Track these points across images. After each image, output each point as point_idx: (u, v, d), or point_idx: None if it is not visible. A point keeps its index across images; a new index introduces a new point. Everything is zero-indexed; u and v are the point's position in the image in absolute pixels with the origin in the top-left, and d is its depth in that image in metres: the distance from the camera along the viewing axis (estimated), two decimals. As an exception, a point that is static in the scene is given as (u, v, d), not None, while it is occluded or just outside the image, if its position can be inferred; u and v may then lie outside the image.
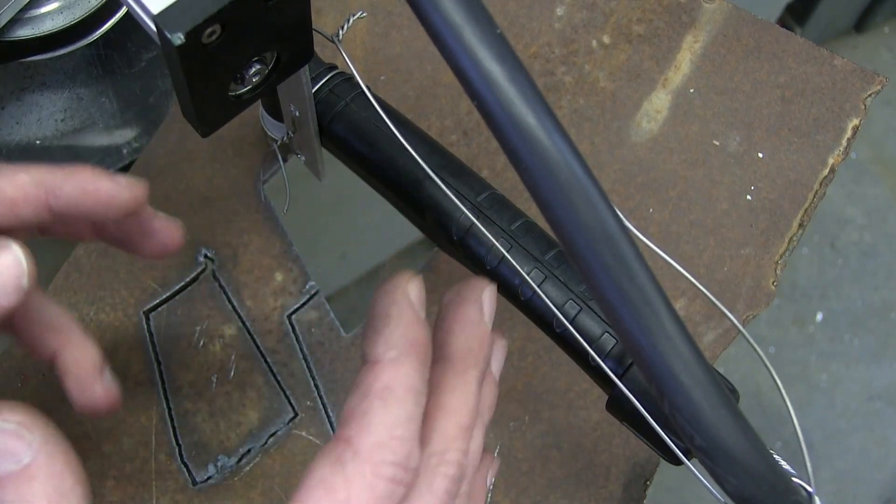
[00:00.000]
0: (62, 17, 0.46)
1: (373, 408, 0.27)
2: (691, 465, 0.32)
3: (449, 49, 0.22)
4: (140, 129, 0.51)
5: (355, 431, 0.27)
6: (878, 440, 1.31)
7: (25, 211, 0.32)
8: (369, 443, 0.27)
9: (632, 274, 0.23)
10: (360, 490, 0.26)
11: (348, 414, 0.28)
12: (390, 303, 0.29)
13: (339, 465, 0.27)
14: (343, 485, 0.26)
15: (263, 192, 0.49)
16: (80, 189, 0.32)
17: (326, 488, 0.26)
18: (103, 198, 0.33)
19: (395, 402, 0.27)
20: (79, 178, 0.32)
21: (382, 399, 0.27)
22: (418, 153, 0.36)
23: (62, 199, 0.32)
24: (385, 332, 0.28)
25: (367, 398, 0.27)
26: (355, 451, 0.27)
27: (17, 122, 0.51)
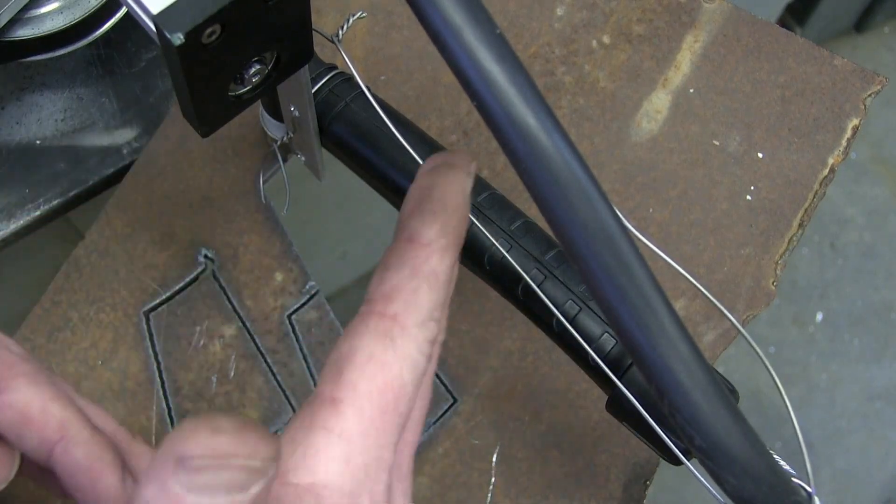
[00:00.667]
0: (62, 17, 0.46)
1: (421, 289, 0.28)
2: (691, 465, 0.32)
3: (448, 49, 0.22)
4: (140, 129, 0.51)
5: (402, 309, 0.27)
6: (878, 440, 1.31)
7: (31, 437, 0.29)
8: (415, 321, 0.27)
9: (631, 274, 0.23)
10: (410, 365, 0.27)
11: (393, 290, 0.28)
12: (453, 190, 0.30)
13: (389, 341, 0.27)
14: (395, 360, 0.27)
15: (263, 192, 0.49)
16: (87, 464, 0.29)
17: (379, 364, 0.27)
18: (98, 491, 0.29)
19: (439, 287, 0.28)
20: (95, 452, 0.29)
21: (429, 282, 0.28)
22: (418, 153, 0.36)
23: (65, 458, 0.29)
24: (442, 217, 0.29)
25: (415, 278, 0.28)
26: (403, 327, 0.27)
27: (17, 122, 0.51)
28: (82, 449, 0.29)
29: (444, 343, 0.48)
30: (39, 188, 0.49)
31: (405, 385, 0.27)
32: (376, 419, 0.26)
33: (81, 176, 0.50)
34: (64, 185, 0.50)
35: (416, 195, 0.30)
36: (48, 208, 0.49)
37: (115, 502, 0.29)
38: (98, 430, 0.30)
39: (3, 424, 0.29)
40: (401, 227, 0.30)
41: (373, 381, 0.26)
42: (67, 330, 0.47)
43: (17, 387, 0.29)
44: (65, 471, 0.29)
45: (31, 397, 0.29)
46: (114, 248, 0.48)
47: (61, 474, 0.29)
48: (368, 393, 0.26)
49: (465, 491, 0.46)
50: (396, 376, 0.27)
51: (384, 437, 0.26)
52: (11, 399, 0.29)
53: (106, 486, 0.29)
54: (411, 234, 0.29)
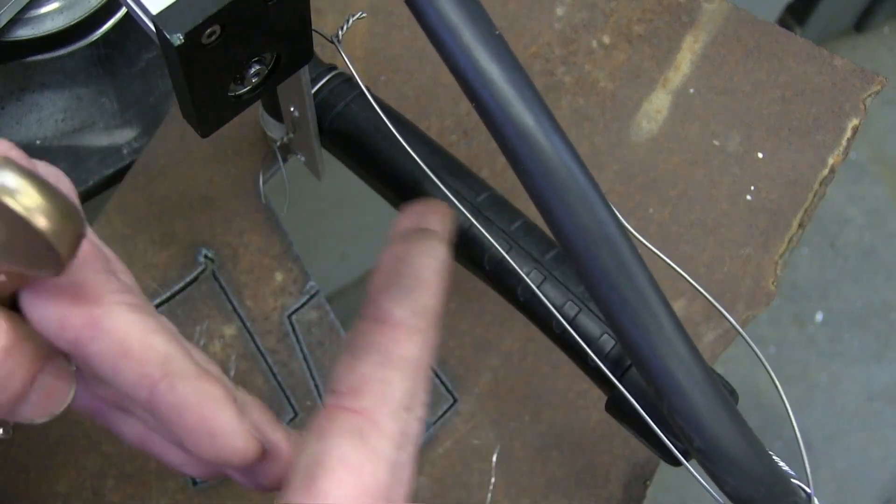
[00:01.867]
0: (62, 17, 0.46)
1: (392, 378, 0.26)
2: (690, 466, 0.32)
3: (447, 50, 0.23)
4: (140, 129, 0.51)
5: (372, 403, 0.25)
6: (878, 440, 1.31)
7: (129, 372, 0.25)
8: (388, 413, 0.25)
9: (630, 275, 0.23)
10: (384, 464, 0.25)
11: (362, 382, 0.26)
12: (426, 264, 0.27)
13: (360, 442, 0.25)
14: (368, 461, 0.25)
15: (263, 192, 0.49)
16: (198, 401, 0.26)
17: (352, 468, 0.24)
18: (212, 429, 0.26)
19: (412, 374, 0.26)
20: (205, 387, 0.26)
21: (401, 370, 0.26)
22: (418, 154, 0.36)
23: (171, 397, 0.25)
24: (415, 294, 0.27)
25: (385, 367, 0.26)
26: (374, 422, 0.25)
27: (17, 122, 0.51)
28: (192, 385, 0.26)
29: (444, 343, 0.48)
30: (39, 188, 0.49)
31: (380, 486, 0.25)
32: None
33: (81, 176, 0.50)
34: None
35: (387, 268, 0.28)
36: (48, 208, 0.49)
37: (236, 440, 0.26)
38: (203, 366, 0.27)
39: (98, 355, 0.25)
40: (369, 303, 0.27)
41: (346, 487, 0.24)
42: (67, 330, 0.47)
43: (116, 313, 0.25)
44: (171, 410, 0.26)
45: (131, 327, 0.25)
46: (114, 248, 0.48)
47: (166, 415, 0.26)
48: (344, 502, 0.24)
49: (465, 491, 0.46)
50: (371, 478, 0.25)
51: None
52: (109, 326, 0.25)
53: (222, 422, 0.26)
54: (381, 314, 0.27)
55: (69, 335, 0.25)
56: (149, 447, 0.30)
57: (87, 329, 0.25)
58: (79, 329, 0.25)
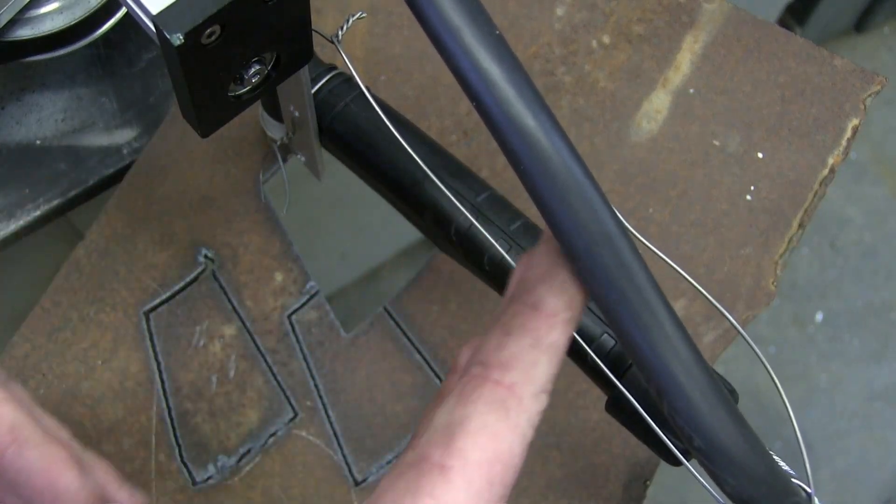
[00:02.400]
0: (62, 17, 0.46)
1: (541, 361, 0.27)
2: (690, 466, 0.32)
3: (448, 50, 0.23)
4: (140, 129, 0.51)
5: (520, 379, 0.27)
6: (878, 440, 1.31)
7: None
8: (531, 393, 0.27)
9: (630, 275, 0.23)
10: (520, 437, 0.27)
11: (512, 358, 0.27)
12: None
13: (503, 412, 0.26)
14: (508, 432, 0.26)
15: (263, 192, 0.49)
16: (44, 465, 0.28)
17: (492, 435, 0.26)
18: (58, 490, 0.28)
19: (558, 360, 0.28)
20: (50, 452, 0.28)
21: (549, 355, 0.27)
22: (417, 153, 0.36)
23: (19, 462, 0.28)
24: (571, 291, 0.28)
25: (536, 350, 0.27)
26: (519, 398, 0.27)
27: (17, 122, 0.51)
28: (38, 450, 0.28)
29: (444, 343, 0.48)
30: (39, 188, 0.49)
31: (514, 457, 0.27)
32: (484, 491, 0.26)
33: (81, 176, 0.50)
34: (64, 185, 0.50)
35: (548, 259, 0.28)
36: (48, 208, 0.49)
37: (78, 499, 0.28)
38: (51, 432, 0.29)
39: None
40: (524, 289, 0.28)
41: (484, 451, 0.26)
42: (67, 330, 0.47)
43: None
44: (19, 475, 0.28)
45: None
46: (114, 248, 0.48)
47: (14, 479, 0.28)
48: (479, 463, 0.26)
49: (465, 491, 0.46)
50: (507, 449, 0.26)
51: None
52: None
53: (66, 484, 0.28)
54: (537, 301, 0.28)
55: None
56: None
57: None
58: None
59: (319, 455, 0.46)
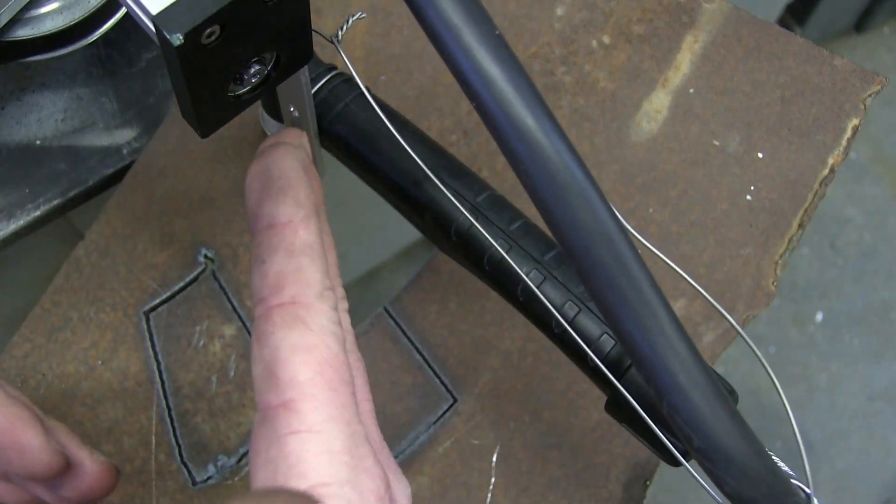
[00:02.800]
0: (62, 17, 0.46)
1: (304, 265, 0.28)
2: (690, 466, 0.32)
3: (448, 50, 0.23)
4: (140, 129, 0.51)
5: (297, 290, 0.27)
6: (878, 440, 1.31)
7: None
8: (314, 294, 0.28)
9: (630, 275, 0.23)
10: (329, 335, 0.27)
11: (278, 277, 0.28)
12: (289, 165, 0.30)
13: (300, 324, 0.27)
14: (315, 337, 0.27)
15: (263, 193, 0.49)
16: (4, 424, 0.30)
17: (304, 348, 0.27)
18: (20, 445, 0.30)
19: (318, 255, 0.29)
20: (12, 411, 0.30)
21: (309, 256, 0.28)
22: (417, 154, 0.36)
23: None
24: (291, 193, 0.29)
25: (293, 257, 0.28)
26: (306, 306, 0.27)
27: (17, 122, 0.51)
28: (1, 410, 0.30)
29: (444, 343, 0.48)
30: (39, 188, 0.49)
31: (337, 355, 0.27)
32: (331, 399, 0.26)
33: (81, 176, 0.50)
34: (64, 185, 0.50)
35: (257, 181, 0.30)
36: (48, 208, 0.49)
37: (42, 454, 0.30)
38: (12, 395, 0.31)
39: None
40: (255, 216, 0.30)
41: (308, 366, 0.26)
42: (67, 330, 0.47)
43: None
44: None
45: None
46: (114, 248, 0.48)
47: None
48: (311, 380, 0.26)
49: (465, 491, 0.46)
50: (325, 351, 0.27)
51: (346, 411, 0.26)
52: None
53: (29, 441, 0.30)
54: (269, 219, 0.29)
55: None
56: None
57: None
58: None
59: (319, 455, 0.46)
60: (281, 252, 0.28)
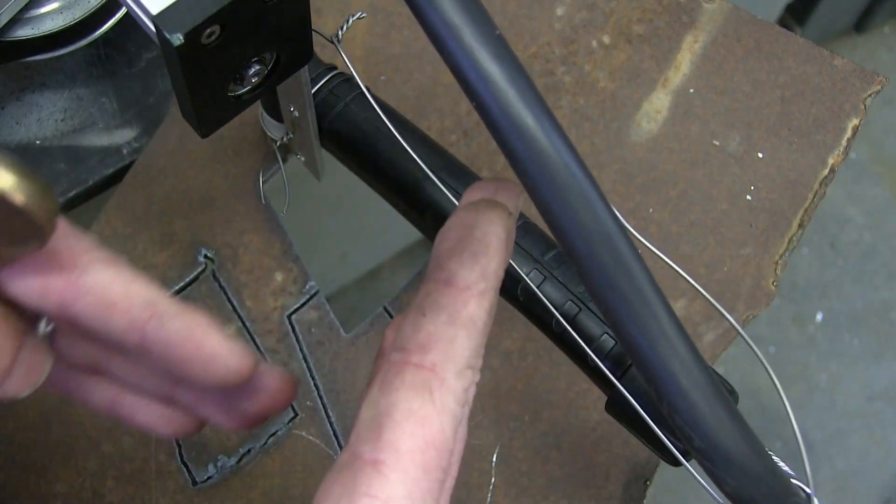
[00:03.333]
0: (62, 17, 0.46)
1: (459, 337, 0.27)
2: (690, 466, 0.32)
3: (448, 50, 0.22)
4: (140, 129, 0.51)
5: (440, 359, 0.26)
6: (878, 440, 1.31)
7: (117, 321, 0.27)
8: (454, 371, 0.26)
9: (630, 275, 0.23)
10: (449, 418, 0.26)
11: (430, 339, 0.27)
12: (495, 231, 0.28)
13: (427, 394, 0.26)
14: (435, 414, 0.26)
15: (263, 192, 0.49)
16: (187, 332, 0.27)
17: (420, 420, 0.25)
18: (206, 355, 0.27)
19: (477, 333, 0.27)
20: (191, 319, 0.27)
21: (468, 329, 0.27)
22: (418, 154, 0.36)
23: (161, 333, 0.27)
24: (483, 260, 0.27)
25: (453, 326, 0.27)
26: (441, 379, 0.26)
27: (17, 122, 0.51)
28: (178, 319, 0.27)
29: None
30: (39, 188, 0.49)
31: (446, 440, 0.26)
32: (420, 479, 0.25)
33: (81, 176, 0.50)
34: (64, 185, 0.50)
35: (456, 233, 0.28)
36: (48, 208, 0.49)
37: (231, 359, 0.27)
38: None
39: (84, 313, 0.27)
40: (437, 266, 0.28)
41: (414, 439, 0.25)
42: (67, 330, 0.47)
43: (93, 271, 0.27)
44: (165, 346, 0.27)
45: (111, 279, 0.27)
46: (114, 248, 0.48)
47: (160, 352, 0.27)
48: (411, 453, 0.25)
49: (465, 491, 0.46)
50: (437, 431, 0.26)
51: (429, 496, 0.25)
52: (89, 282, 0.27)
53: (214, 346, 0.27)
54: (449, 276, 0.27)
55: (53, 300, 0.26)
56: (119, 410, 0.32)
57: (69, 291, 0.26)
58: (61, 293, 0.26)
59: (319, 455, 0.46)
60: (444, 314, 0.27)
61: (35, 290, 0.27)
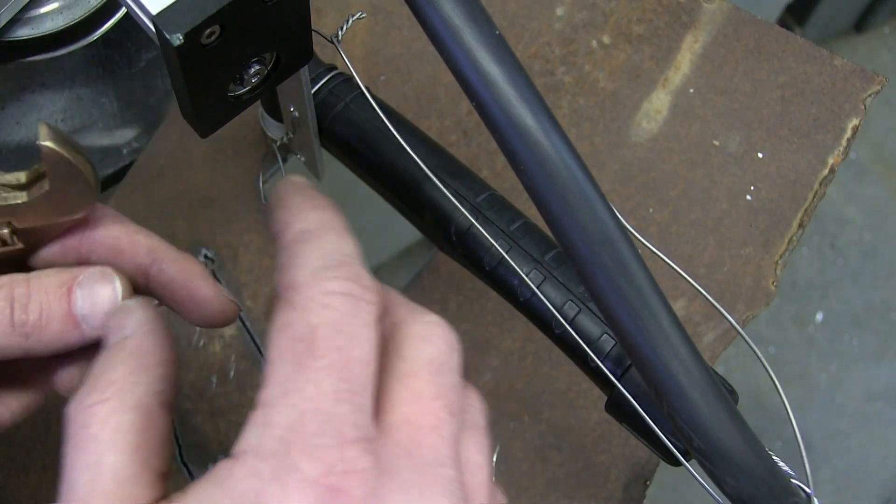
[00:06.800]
0: (62, 17, 0.46)
1: (298, 251, 0.27)
2: (690, 466, 0.32)
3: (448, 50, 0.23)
4: (140, 129, 0.51)
5: (291, 275, 0.26)
6: (878, 440, 1.31)
7: (125, 266, 0.32)
8: (307, 275, 0.26)
9: (630, 275, 0.23)
10: (320, 312, 0.25)
11: (277, 273, 0.28)
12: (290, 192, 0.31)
13: (288, 307, 0.25)
14: (300, 317, 0.25)
15: (263, 192, 0.49)
16: (182, 277, 0.32)
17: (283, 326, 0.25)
18: (198, 298, 0.32)
19: (319, 236, 0.28)
20: (186, 267, 0.32)
21: (303, 241, 0.28)
22: (417, 154, 0.36)
23: (162, 277, 0.32)
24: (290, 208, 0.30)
25: (287, 248, 0.28)
26: (295, 286, 0.26)
27: (17, 122, 0.51)
28: (175, 266, 0.32)
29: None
30: (39, 188, 0.49)
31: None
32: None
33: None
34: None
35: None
36: (48, 208, 0.49)
37: (216, 304, 0.32)
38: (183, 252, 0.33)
39: (98, 261, 0.32)
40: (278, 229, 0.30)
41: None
42: (67, 330, 0.47)
43: (104, 223, 0.32)
44: (164, 288, 0.32)
45: (119, 231, 0.32)
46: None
47: (161, 293, 0.32)
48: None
49: (465, 491, 0.46)
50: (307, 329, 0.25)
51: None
52: (101, 235, 0.32)
53: (204, 293, 0.32)
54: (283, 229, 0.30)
55: (71, 256, 0.32)
56: None
57: (84, 246, 0.32)
58: (78, 249, 0.32)
59: (319, 455, 0.46)
60: (280, 250, 0.29)
61: (57, 252, 0.32)
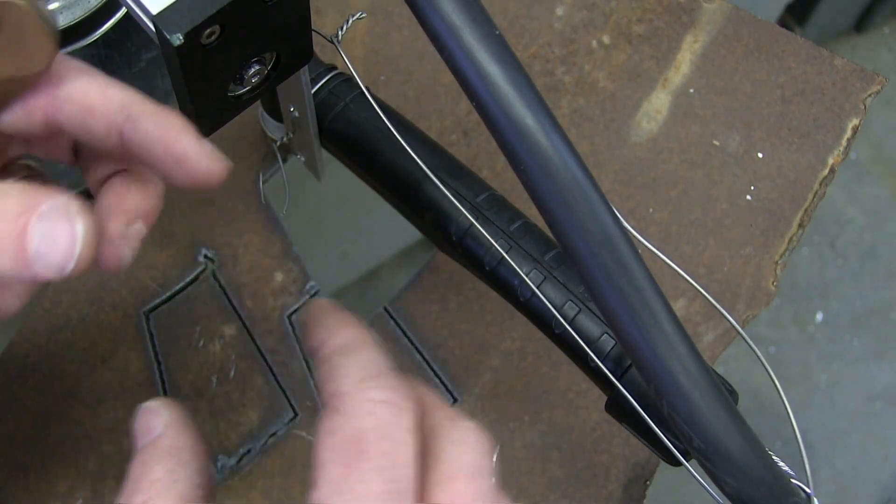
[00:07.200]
0: (62, 17, 0.46)
1: (339, 363, 0.27)
2: (690, 466, 0.32)
3: (448, 50, 0.23)
4: (140, 129, 0.51)
5: (336, 385, 0.26)
6: (878, 440, 1.31)
7: (97, 125, 0.28)
8: (351, 384, 0.26)
9: (630, 275, 0.23)
10: (366, 418, 0.25)
11: (319, 383, 0.27)
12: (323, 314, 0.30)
13: (336, 414, 0.26)
14: (348, 422, 0.25)
15: (263, 192, 0.49)
16: (159, 133, 0.28)
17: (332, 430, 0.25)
18: (177, 154, 0.28)
19: (357, 350, 0.28)
20: (164, 120, 0.28)
21: (342, 354, 0.27)
22: (417, 154, 0.36)
23: (138, 134, 0.28)
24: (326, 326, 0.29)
25: (328, 361, 0.27)
26: (341, 394, 0.26)
27: (17, 122, 0.51)
28: (151, 121, 0.28)
29: (444, 343, 0.48)
30: (39, 188, 0.49)
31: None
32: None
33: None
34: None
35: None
36: (48, 208, 0.49)
37: (201, 161, 0.28)
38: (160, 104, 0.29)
39: (68, 121, 0.28)
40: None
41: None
42: (67, 330, 0.47)
43: (72, 77, 0.28)
44: (140, 147, 0.28)
45: (88, 86, 0.28)
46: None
47: (137, 152, 0.28)
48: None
49: (465, 491, 0.46)
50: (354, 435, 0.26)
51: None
52: (69, 91, 0.28)
53: (184, 146, 0.28)
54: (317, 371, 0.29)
55: (38, 118, 0.28)
56: None
57: (51, 105, 0.28)
58: (44, 108, 0.28)
59: (319, 455, 0.46)
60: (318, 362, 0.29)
61: (21, 115, 0.28)
